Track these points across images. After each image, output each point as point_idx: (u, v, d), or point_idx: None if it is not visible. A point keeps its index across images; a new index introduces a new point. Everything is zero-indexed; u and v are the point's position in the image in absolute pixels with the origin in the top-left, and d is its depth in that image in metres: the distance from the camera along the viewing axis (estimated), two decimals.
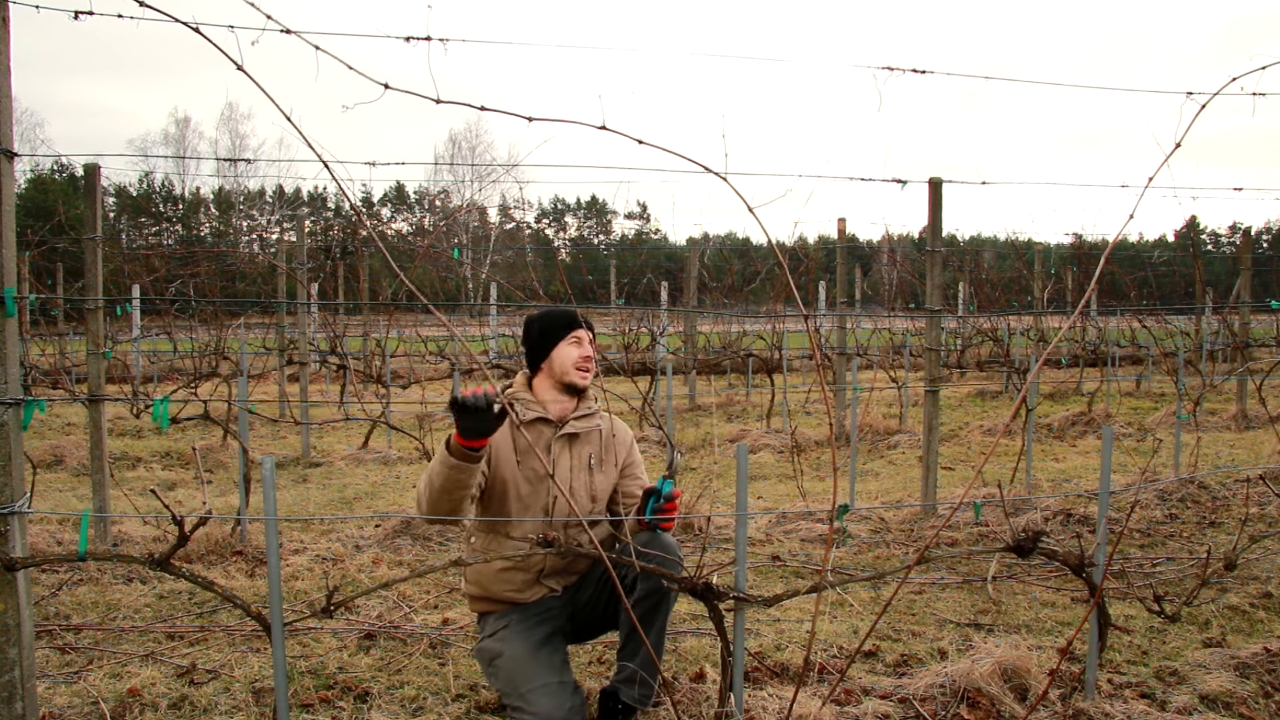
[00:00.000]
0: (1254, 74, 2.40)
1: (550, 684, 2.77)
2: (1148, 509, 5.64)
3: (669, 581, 2.60)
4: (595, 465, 3.03)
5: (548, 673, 2.80)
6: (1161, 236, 33.08)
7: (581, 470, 3.00)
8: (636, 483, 3.12)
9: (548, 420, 2.98)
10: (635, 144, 2.19)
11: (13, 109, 2.27)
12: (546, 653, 2.85)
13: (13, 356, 2.27)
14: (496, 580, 2.93)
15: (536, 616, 2.92)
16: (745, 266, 17.82)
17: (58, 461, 7.82)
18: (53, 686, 3.20)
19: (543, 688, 2.76)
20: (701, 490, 5.97)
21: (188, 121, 50.82)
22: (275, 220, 50.92)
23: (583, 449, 3.02)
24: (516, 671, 2.81)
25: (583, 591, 3.00)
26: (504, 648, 2.85)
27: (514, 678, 2.81)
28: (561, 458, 2.97)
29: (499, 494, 2.91)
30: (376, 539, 5.16)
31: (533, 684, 2.77)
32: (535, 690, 2.75)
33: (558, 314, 3.05)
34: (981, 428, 9.40)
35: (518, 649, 2.83)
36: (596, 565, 2.97)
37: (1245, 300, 9.66)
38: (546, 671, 2.80)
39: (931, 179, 5.57)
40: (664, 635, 2.91)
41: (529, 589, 2.94)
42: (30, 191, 39.39)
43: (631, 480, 3.13)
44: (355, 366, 10.00)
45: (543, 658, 2.83)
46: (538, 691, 2.75)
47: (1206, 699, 3.08)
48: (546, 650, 2.86)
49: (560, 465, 2.96)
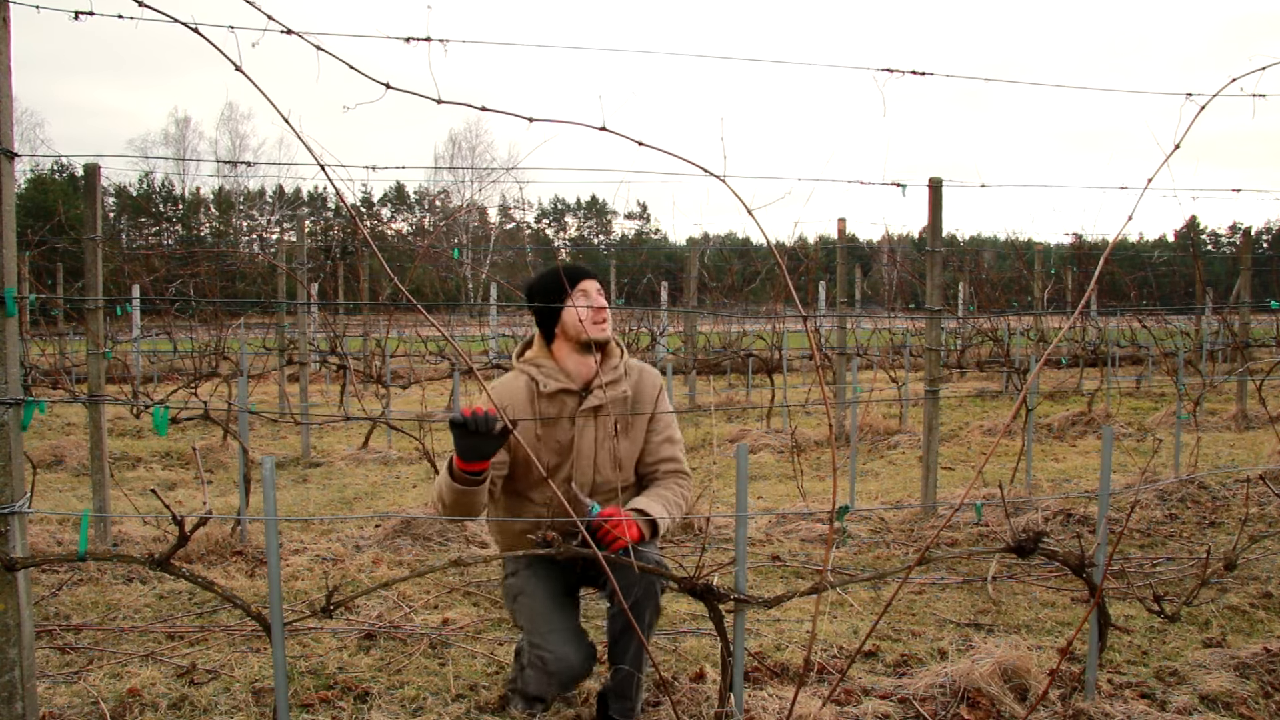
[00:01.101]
0: (1254, 75, 2.41)
1: (569, 630, 2.91)
2: (1148, 509, 5.64)
3: (671, 583, 2.60)
4: (622, 431, 2.94)
5: (565, 619, 2.93)
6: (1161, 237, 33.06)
7: (607, 439, 2.93)
8: (661, 437, 3.01)
9: (571, 391, 2.91)
10: (635, 145, 2.19)
11: (13, 109, 2.27)
12: (565, 601, 2.97)
13: (13, 356, 2.27)
14: (519, 540, 2.96)
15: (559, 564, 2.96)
16: (745, 266, 17.84)
17: (58, 461, 7.82)
18: (53, 686, 3.20)
19: (562, 632, 2.89)
20: (701, 490, 5.97)
21: (188, 122, 50.83)
22: (275, 220, 50.92)
23: (608, 417, 2.94)
24: (537, 613, 2.92)
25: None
26: (526, 587, 2.96)
27: (535, 619, 2.93)
28: (586, 429, 2.91)
29: (522, 465, 2.90)
30: (376, 539, 5.16)
31: (553, 626, 2.89)
32: (555, 634, 2.88)
33: (557, 272, 2.92)
34: (981, 428, 9.40)
35: (539, 592, 2.95)
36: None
37: (1245, 300, 9.66)
38: (564, 618, 2.93)
39: (931, 180, 5.57)
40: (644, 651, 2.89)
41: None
42: (30, 191, 39.38)
43: (657, 437, 3.01)
44: (355, 366, 10.00)
45: (562, 605, 2.95)
46: (558, 635, 2.88)
47: (1206, 699, 3.08)
48: (565, 599, 2.98)
49: (585, 437, 2.91)
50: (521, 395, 2.91)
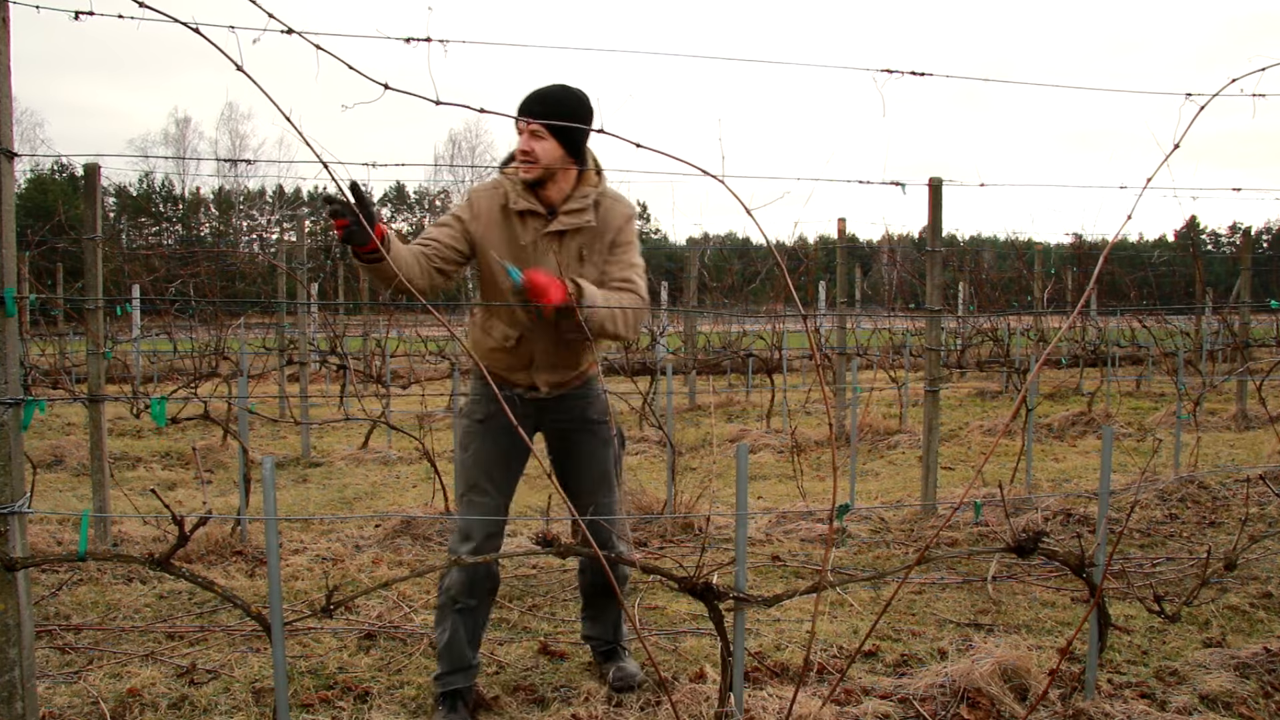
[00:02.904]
0: (1253, 75, 2.40)
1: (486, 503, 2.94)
2: (1148, 509, 5.64)
3: (671, 583, 2.60)
4: (587, 256, 2.93)
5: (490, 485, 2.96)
6: (1161, 236, 33.09)
7: (571, 264, 2.91)
8: (616, 265, 2.96)
9: (537, 213, 2.90)
10: (633, 147, 2.18)
11: (13, 109, 2.27)
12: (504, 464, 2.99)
13: (13, 356, 2.27)
14: (489, 356, 3.00)
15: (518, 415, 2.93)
16: (745, 266, 17.83)
17: (58, 461, 7.82)
18: (53, 686, 3.20)
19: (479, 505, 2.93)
20: (701, 490, 5.97)
21: (188, 121, 50.94)
22: (275, 220, 50.92)
23: (573, 241, 2.93)
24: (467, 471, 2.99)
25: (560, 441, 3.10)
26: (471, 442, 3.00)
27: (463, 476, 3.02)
28: (547, 254, 2.90)
29: (491, 277, 2.93)
30: (376, 539, 5.16)
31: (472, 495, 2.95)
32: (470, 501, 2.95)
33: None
34: (981, 428, 9.40)
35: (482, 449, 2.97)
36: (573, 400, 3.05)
37: (1245, 300, 9.65)
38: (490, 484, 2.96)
39: (931, 180, 5.57)
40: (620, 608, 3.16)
41: (517, 373, 2.99)
42: (30, 191, 39.40)
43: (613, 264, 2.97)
44: (355, 366, 10.00)
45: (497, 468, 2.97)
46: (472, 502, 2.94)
47: (1206, 699, 3.08)
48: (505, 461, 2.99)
49: (546, 262, 2.89)
50: (495, 206, 2.93)
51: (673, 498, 5.51)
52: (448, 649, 2.96)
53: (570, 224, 2.89)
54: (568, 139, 2.86)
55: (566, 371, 3.01)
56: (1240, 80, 2.40)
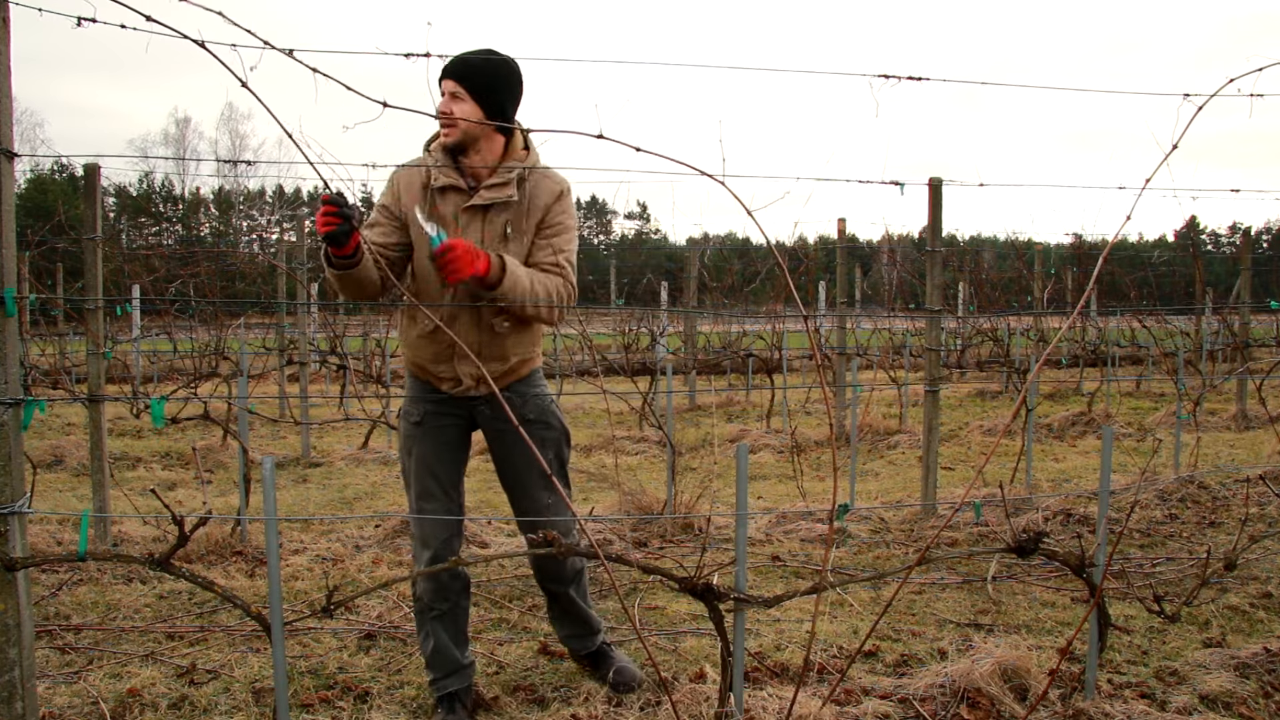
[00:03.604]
0: (1251, 75, 2.41)
1: (438, 508, 2.91)
2: (1148, 509, 5.64)
3: (672, 583, 2.60)
4: (513, 234, 2.80)
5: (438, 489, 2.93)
6: (1161, 237, 33.09)
7: (495, 241, 2.78)
8: (545, 249, 2.82)
9: (459, 189, 2.80)
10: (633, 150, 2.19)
11: (13, 109, 2.27)
12: (446, 463, 2.95)
13: (13, 356, 2.28)
14: (415, 345, 2.91)
15: (451, 415, 2.94)
16: (745, 266, 17.82)
17: (58, 461, 7.82)
18: (53, 686, 3.20)
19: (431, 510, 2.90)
20: (701, 490, 5.97)
21: (188, 122, 51.00)
22: (275, 220, 50.92)
23: (498, 217, 2.80)
24: (414, 477, 2.94)
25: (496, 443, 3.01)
26: (413, 445, 2.94)
27: (411, 483, 2.96)
28: (470, 228, 2.78)
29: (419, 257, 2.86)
30: (376, 539, 5.16)
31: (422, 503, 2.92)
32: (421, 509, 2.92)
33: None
34: (981, 428, 9.40)
35: (424, 452, 2.92)
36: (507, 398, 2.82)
37: (1245, 300, 9.66)
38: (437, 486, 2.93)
39: (931, 180, 5.57)
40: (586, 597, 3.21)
41: (441, 364, 2.88)
42: (30, 191, 39.40)
43: (541, 247, 2.83)
44: (355, 366, 10.00)
45: (441, 469, 2.93)
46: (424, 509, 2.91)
47: (1206, 699, 3.08)
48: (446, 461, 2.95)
49: (469, 236, 2.77)
50: (416, 185, 2.84)
51: (673, 498, 5.51)
52: (435, 655, 2.96)
53: (492, 198, 2.77)
54: (489, 103, 2.74)
55: (493, 364, 2.84)
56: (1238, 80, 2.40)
